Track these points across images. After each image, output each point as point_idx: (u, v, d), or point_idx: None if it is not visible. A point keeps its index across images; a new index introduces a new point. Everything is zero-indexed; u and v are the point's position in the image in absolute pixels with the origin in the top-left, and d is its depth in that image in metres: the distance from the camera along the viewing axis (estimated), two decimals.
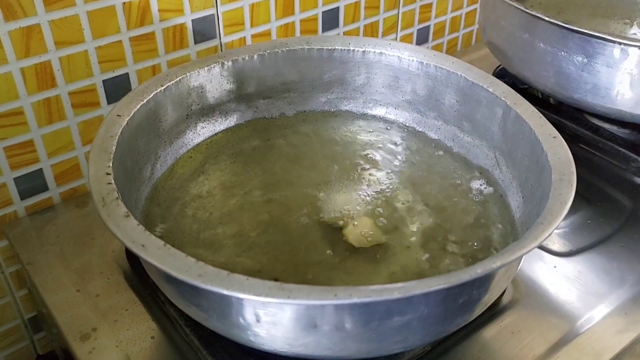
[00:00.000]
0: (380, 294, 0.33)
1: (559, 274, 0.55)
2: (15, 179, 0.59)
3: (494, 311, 0.51)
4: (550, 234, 0.37)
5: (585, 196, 0.63)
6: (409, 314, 0.36)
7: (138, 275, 0.53)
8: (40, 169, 0.60)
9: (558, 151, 0.45)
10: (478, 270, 0.34)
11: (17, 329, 0.66)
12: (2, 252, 0.61)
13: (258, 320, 0.37)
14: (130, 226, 0.38)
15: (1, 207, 0.59)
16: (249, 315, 0.37)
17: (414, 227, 0.50)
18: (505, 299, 0.53)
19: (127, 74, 0.61)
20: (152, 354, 0.47)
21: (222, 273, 0.34)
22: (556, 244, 0.58)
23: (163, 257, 0.36)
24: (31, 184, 0.60)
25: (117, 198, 0.40)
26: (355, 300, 0.33)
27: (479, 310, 0.41)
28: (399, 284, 0.34)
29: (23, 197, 0.60)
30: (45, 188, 0.61)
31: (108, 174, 0.42)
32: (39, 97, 0.57)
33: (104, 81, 0.60)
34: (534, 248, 0.37)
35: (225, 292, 0.34)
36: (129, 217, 0.38)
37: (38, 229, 0.60)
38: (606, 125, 0.70)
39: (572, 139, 0.71)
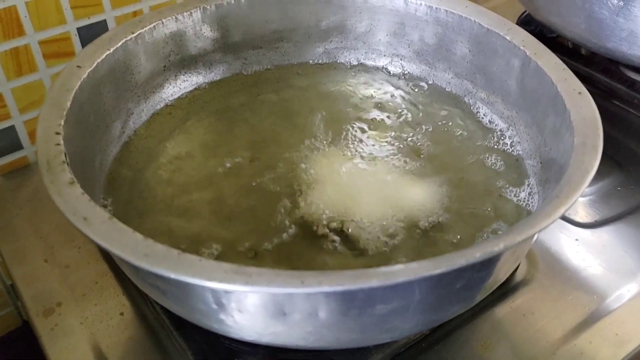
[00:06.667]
0: (355, 282, 0.28)
1: (582, 247, 0.49)
2: None
3: (505, 290, 0.46)
4: (567, 209, 0.31)
5: (616, 159, 0.56)
6: (394, 302, 0.31)
7: None
8: (12, 126, 0.55)
9: (583, 109, 0.38)
10: (477, 254, 0.29)
11: (0, 295, 0.63)
12: None
13: (219, 306, 0.32)
14: (74, 195, 0.33)
15: None
16: (208, 300, 0.32)
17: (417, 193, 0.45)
18: (519, 276, 0.47)
19: (104, 21, 0.55)
20: (119, 332, 0.43)
21: (171, 253, 0.29)
22: (580, 214, 0.52)
23: (107, 233, 0.31)
24: (3, 142, 0.55)
25: (64, 162, 0.35)
26: (325, 288, 0.28)
27: (481, 295, 0.35)
28: (379, 269, 0.28)
29: None
30: (19, 147, 0.57)
31: (58, 133, 0.37)
32: (5, 47, 0.51)
33: (78, 29, 0.54)
34: (547, 226, 0.31)
35: (172, 275, 0.28)
36: (74, 184, 0.33)
37: (13, 190, 0.55)
38: None
39: (605, 95, 0.64)
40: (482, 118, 0.50)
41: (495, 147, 0.48)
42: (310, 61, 0.55)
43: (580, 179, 0.33)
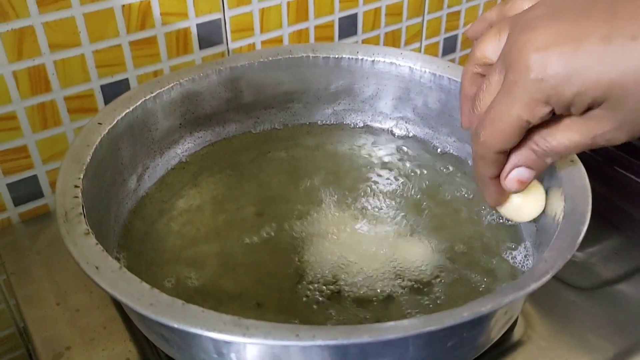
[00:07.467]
0: (347, 337, 0.29)
1: (580, 309, 0.50)
2: (9, 185, 0.57)
3: (501, 349, 0.46)
4: (553, 274, 0.33)
5: (614, 224, 0.57)
6: (387, 358, 0.32)
7: None
8: (35, 175, 0.58)
9: (574, 177, 0.40)
10: (465, 314, 0.30)
11: (12, 337, 0.65)
12: None
13: (219, 356, 0.33)
14: (88, 245, 0.35)
15: None
16: (209, 350, 0.33)
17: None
18: (516, 336, 0.48)
19: (127, 80, 0.59)
20: None
21: (176, 303, 0.31)
22: (577, 276, 0.53)
23: (115, 282, 0.33)
24: (25, 191, 0.58)
25: (81, 213, 0.37)
26: (319, 342, 0.29)
27: (473, 354, 0.36)
28: (370, 325, 0.30)
29: (17, 203, 0.58)
30: (40, 195, 0.59)
31: (77, 186, 0.39)
32: (33, 102, 0.55)
33: (102, 86, 0.58)
34: (534, 289, 0.32)
35: (175, 325, 0.30)
36: (89, 235, 0.35)
37: (32, 236, 0.58)
38: None
39: (606, 161, 0.66)
40: None
41: (493, 210, 0.50)
42: (319, 121, 0.58)
43: (567, 244, 0.35)
